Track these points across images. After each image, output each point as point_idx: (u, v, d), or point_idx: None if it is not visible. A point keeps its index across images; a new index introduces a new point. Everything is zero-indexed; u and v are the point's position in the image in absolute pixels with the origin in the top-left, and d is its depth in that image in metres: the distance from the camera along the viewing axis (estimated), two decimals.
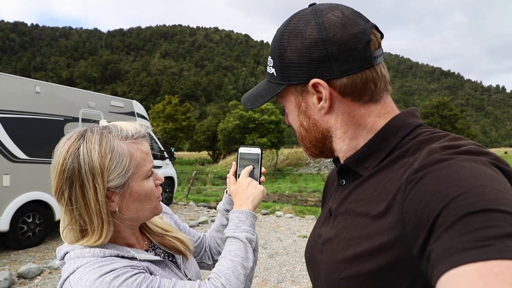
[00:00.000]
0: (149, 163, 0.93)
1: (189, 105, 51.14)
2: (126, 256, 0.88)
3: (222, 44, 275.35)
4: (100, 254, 0.85)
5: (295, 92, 0.76)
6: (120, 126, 0.92)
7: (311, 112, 0.76)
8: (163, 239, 1.07)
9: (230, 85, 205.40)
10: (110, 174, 0.85)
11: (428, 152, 0.60)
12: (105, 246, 0.88)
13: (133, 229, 0.99)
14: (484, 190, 0.48)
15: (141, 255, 0.92)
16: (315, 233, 0.84)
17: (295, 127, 0.83)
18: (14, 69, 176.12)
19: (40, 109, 6.64)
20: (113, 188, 0.87)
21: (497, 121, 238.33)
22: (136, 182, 0.90)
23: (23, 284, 4.84)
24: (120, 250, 0.89)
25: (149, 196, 0.93)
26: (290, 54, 0.72)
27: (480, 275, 0.41)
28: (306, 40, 0.70)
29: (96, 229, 0.86)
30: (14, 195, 6.18)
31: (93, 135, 0.87)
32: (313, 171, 26.13)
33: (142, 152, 0.91)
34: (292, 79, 0.74)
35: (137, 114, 9.36)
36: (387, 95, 0.75)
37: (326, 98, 0.72)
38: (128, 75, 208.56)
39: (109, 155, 0.85)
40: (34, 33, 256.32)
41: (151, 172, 0.94)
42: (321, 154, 0.83)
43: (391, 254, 0.59)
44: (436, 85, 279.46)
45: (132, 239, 0.98)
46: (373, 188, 0.68)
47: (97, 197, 0.84)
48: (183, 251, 1.08)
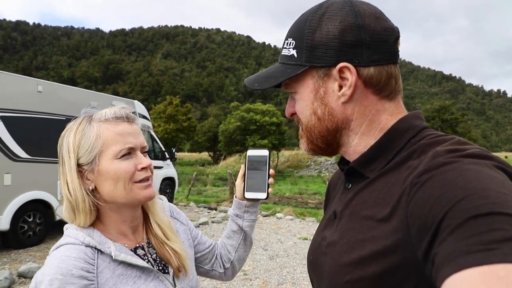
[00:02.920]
0: (121, 144, 0.93)
1: (190, 106, 51.19)
2: (102, 251, 0.91)
3: (224, 45, 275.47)
4: (80, 240, 0.90)
5: (316, 76, 0.73)
6: (102, 111, 0.97)
7: (329, 100, 0.73)
8: (161, 247, 1.04)
9: (232, 86, 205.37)
10: (79, 151, 0.93)
11: (432, 155, 0.60)
12: (92, 233, 0.93)
13: (124, 217, 0.99)
14: (489, 193, 0.47)
15: (121, 255, 0.92)
16: (319, 236, 0.83)
17: (305, 115, 0.77)
18: (16, 68, 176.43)
19: (42, 109, 6.65)
20: (83, 164, 0.93)
21: (498, 126, 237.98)
22: (105, 161, 0.93)
23: (23, 283, 4.84)
24: (101, 243, 0.92)
25: (121, 176, 0.93)
26: (319, 35, 0.70)
27: (485, 278, 0.40)
28: (340, 23, 0.69)
29: (80, 209, 0.92)
30: (15, 194, 6.19)
31: (78, 120, 0.97)
32: (314, 173, 26.11)
33: (114, 132, 0.94)
34: (317, 61, 0.71)
35: (139, 114, 9.36)
36: (400, 95, 0.76)
37: (351, 84, 0.70)
38: (129, 75, 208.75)
39: (79, 134, 0.94)
40: (36, 32, 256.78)
41: (125, 153, 0.94)
42: (326, 148, 0.79)
43: (395, 257, 0.58)
44: (438, 89, 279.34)
45: (124, 227, 1.00)
46: (378, 191, 0.67)
47: (71, 172, 0.93)
48: (175, 266, 1.03)
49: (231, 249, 1.28)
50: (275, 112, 30.09)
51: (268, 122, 28.53)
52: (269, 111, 29.49)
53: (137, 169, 0.96)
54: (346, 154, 0.79)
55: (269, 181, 1.17)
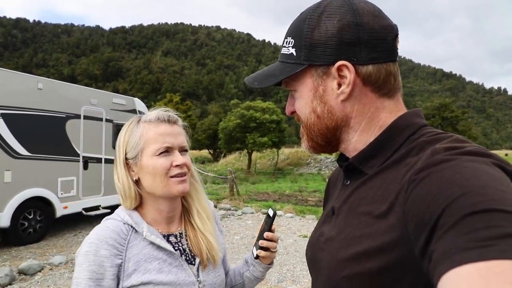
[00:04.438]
0: (160, 143, 1.07)
1: (190, 104, 51.10)
2: (137, 230, 1.06)
3: (224, 43, 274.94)
4: (121, 217, 1.07)
5: (315, 74, 0.74)
6: (149, 113, 1.14)
7: (328, 98, 0.74)
8: (195, 236, 1.15)
9: (232, 84, 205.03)
10: (127, 147, 1.09)
11: (431, 153, 0.60)
12: (132, 214, 1.09)
13: (161, 207, 1.12)
14: (487, 190, 0.48)
15: (151, 236, 1.06)
16: (317, 231, 0.83)
17: (304, 114, 0.78)
18: (16, 65, 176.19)
19: (42, 106, 6.65)
20: (129, 159, 1.10)
21: (498, 123, 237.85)
22: (146, 157, 1.07)
23: (23, 280, 4.86)
24: (137, 223, 1.08)
25: (158, 171, 1.06)
26: (317, 34, 0.71)
27: (481, 274, 0.41)
28: (339, 21, 0.70)
29: (127, 194, 1.09)
30: (15, 191, 6.20)
31: (130, 119, 1.14)
32: (314, 171, 26.13)
33: (155, 132, 1.08)
34: (316, 60, 0.72)
35: (139, 111, 9.36)
36: (399, 93, 0.76)
37: (350, 82, 0.70)
38: (129, 72, 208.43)
39: (128, 132, 1.10)
40: (36, 29, 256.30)
41: (162, 151, 1.07)
42: (326, 146, 0.79)
43: (392, 254, 0.59)
44: (438, 87, 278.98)
45: (159, 216, 1.13)
46: (377, 188, 0.68)
47: (120, 164, 1.10)
48: (204, 258, 1.12)
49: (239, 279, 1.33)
50: (275, 109, 30.04)
51: (268, 120, 28.47)
52: (269, 109, 29.43)
53: (172, 166, 1.07)
54: (346, 151, 0.79)
55: (259, 242, 1.20)
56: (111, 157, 8.30)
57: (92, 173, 7.81)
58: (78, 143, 7.40)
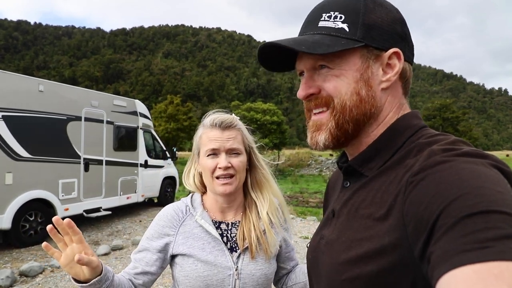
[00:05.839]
0: (209, 145, 1.22)
1: (191, 105, 51.06)
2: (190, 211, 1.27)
3: (225, 45, 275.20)
4: (185, 201, 1.31)
5: (367, 55, 0.71)
6: (208, 116, 1.30)
7: (373, 83, 0.71)
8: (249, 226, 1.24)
9: (232, 86, 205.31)
10: (195, 145, 1.30)
11: (428, 154, 0.60)
12: (197, 198, 1.31)
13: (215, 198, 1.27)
14: (485, 191, 0.48)
15: (201, 220, 1.23)
16: (318, 235, 0.83)
17: (341, 94, 0.71)
18: (17, 67, 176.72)
19: (43, 108, 6.65)
20: (196, 154, 1.30)
21: (499, 124, 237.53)
22: (201, 156, 1.26)
23: (25, 282, 4.86)
24: (195, 207, 1.28)
25: (206, 170, 1.23)
26: (374, 17, 0.71)
27: (479, 276, 0.40)
28: (391, 13, 0.73)
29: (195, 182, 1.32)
30: (16, 193, 6.20)
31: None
32: (315, 172, 26.12)
33: (207, 136, 1.24)
34: (372, 41, 0.70)
35: (140, 113, 9.38)
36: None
37: (398, 71, 0.72)
38: (130, 74, 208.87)
39: (197, 133, 1.31)
40: (37, 31, 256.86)
41: (210, 153, 1.22)
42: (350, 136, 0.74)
43: (392, 256, 0.58)
44: (438, 87, 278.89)
45: (214, 205, 1.29)
46: (376, 190, 0.68)
47: (193, 158, 1.33)
48: (253, 249, 1.21)
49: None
50: (276, 111, 30.06)
51: (269, 121, 28.50)
52: (270, 110, 29.45)
53: (217, 167, 1.20)
54: (356, 145, 0.76)
55: None
56: (112, 159, 8.32)
57: (93, 175, 7.81)
58: (79, 145, 7.39)
